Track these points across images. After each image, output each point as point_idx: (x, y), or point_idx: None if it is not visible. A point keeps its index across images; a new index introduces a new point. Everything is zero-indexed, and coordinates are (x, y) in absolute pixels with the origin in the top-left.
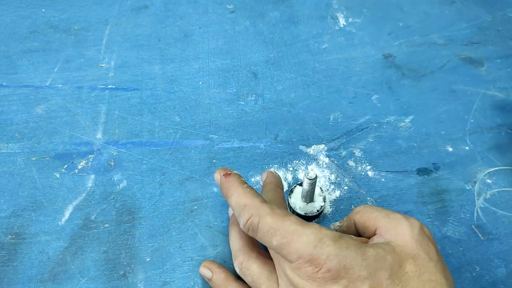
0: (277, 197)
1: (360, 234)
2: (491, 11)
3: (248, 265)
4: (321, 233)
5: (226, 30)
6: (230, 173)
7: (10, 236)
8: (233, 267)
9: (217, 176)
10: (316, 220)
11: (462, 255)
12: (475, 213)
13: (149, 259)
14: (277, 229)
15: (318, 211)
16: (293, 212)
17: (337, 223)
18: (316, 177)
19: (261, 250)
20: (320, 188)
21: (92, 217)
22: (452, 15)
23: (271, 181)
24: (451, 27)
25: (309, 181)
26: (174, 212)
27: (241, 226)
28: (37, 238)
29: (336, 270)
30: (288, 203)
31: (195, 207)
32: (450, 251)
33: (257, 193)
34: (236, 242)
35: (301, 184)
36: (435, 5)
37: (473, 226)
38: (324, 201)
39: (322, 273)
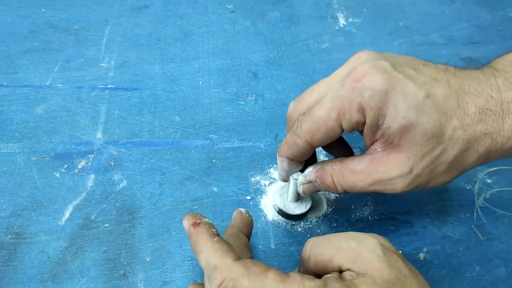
0: (238, 244)
1: (323, 273)
2: (491, 11)
3: None
4: (306, 287)
5: (226, 30)
6: (199, 222)
7: (10, 236)
8: None
9: (186, 224)
10: (311, 220)
11: (462, 255)
12: (475, 213)
13: (149, 258)
14: None
15: (305, 210)
16: (280, 211)
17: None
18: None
19: None
20: None
21: (92, 217)
22: (452, 15)
23: (234, 225)
24: (451, 26)
25: (294, 181)
26: (174, 212)
27: None
28: (37, 238)
29: None
30: (275, 202)
31: (195, 207)
32: (450, 251)
33: (229, 248)
34: None
35: (281, 186)
36: (435, 5)
37: (473, 226)
38: (311, 200)
39: None
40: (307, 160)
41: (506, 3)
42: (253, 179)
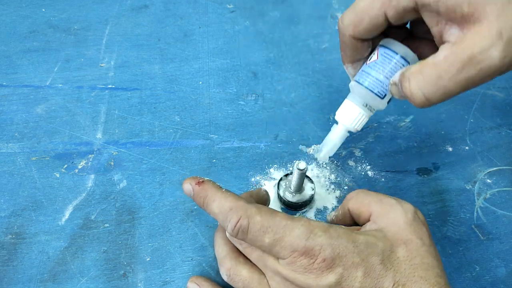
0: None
1: (355, 220)
2: None
3: (237, 271)
4: (311, 225)
5: (226, 30)
6: (202, 181)
7: (10, 236)
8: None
9: (188, 186)
10: (306, 209)
11: (462, 255)
12: (475, 213)
13: (149, 258)
14: (268, 226)
15: (307, 199)
16: (283, 201)
17: (333, 213)
18: (306, 167)
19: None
20: (309, 178)
21: (92, 217)
22: None
23: (248, 192)
24: None
25: (299, 171)
26: (174, 212)
27: (229, 230)
28: (37, 238)
29: (330, 259)
30: (277, 194)
31: (195, 207)
32: (450, 251)
33: (239, 196)
34: (222, 249)
35: (287, 176)
36: None
37: (473, 226)
38: (314, 190)
39: (318, 264)
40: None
41: None
42: (253, 179)
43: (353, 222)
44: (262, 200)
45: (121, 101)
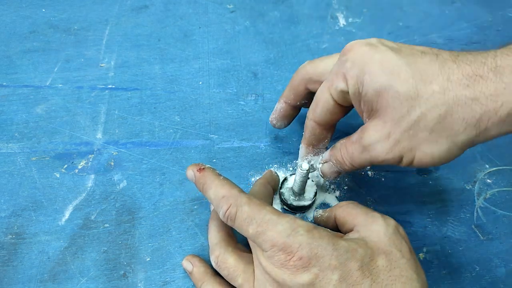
0: (263, 191)
1: (339, 228)
2: (491, 11)
3: (225, 259)
4: (296, 223)
5: (226, 30)
6: (203, 168)
7: (10, 236)
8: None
9: (190, 172)
10: (307, 211)
11: (462, 255)
12: (475, 213)
13: (149, 259)
14: (253, 218)
15: (309, 202)
16: (285, 204)
17: (320, 211)
18: (309, 168)
19: (239, 245)
20: (312, 180)
21: (92, 217)
22: (452, 15)
23: (263, 177)
24: (451, 27)
25: (302, 172)
26: (174, 212)
27: (221, 216)
28: (37, 238)
29: (307, 258)
30: (280, 195)
31: (195, 207)
32: (450, 251)
33: (235, 184)
34: (214, 236)
35: (286, 179)
36: (435, 5)
37: (473, 226)
38: (316, 192)
39: (294, 261)
40: None
41: (506, 3)
42: (253, 179)
43: (335, 227)
44: (275, 180)
45: (121, 101)
